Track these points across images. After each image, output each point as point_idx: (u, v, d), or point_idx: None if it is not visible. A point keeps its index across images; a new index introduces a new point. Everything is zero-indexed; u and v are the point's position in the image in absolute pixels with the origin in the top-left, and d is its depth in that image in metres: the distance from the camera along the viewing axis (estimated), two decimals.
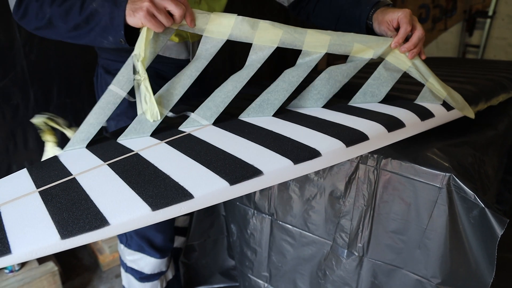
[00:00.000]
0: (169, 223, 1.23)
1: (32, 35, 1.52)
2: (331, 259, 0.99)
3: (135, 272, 1.25)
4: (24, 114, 1.59)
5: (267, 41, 0.79)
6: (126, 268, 1.27)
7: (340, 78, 0.84)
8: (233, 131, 0.74)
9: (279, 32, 0.78)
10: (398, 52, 0.86)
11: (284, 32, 0.79)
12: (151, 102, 0.73)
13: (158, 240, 1.19)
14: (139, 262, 1.23)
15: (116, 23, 0.74)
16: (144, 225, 0.53)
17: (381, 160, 0.84)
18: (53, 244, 0.48)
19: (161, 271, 1.28)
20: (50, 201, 0.55)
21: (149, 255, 1.21)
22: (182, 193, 0.55)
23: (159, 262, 1.24)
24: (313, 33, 0.81)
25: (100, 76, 1.08)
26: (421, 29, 0.85)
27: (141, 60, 0.72)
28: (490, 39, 3.22)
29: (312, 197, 0.99)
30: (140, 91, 0.74)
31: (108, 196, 0.55)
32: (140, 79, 0.73)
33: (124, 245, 1.22)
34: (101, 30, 0.77)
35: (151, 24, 0.71)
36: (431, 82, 0.88)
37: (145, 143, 0.71)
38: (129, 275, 1.27)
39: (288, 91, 0.81)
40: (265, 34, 0.78)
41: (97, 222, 0.50)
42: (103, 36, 0.78)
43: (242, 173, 0.59)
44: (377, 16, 0.93)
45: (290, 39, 0.79)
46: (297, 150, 0.65)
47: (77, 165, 0.65)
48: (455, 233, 0.77)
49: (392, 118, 0.78)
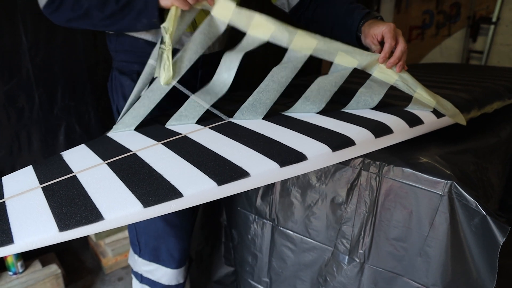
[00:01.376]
0: (189, 229, 1.21)
1: (38, 38, 1.54)
2: (332, 265, 0.99)
3: (152, 283, 1.23)
4: (28, 116, 1.60)
5: (259, 33, 0.86)
6: (142, 279, 1.25)
7: (329, 87, 0.87)
8: (227, 134, 0.77)
9: (271, 27, 0.85)
10: (384, 67, 0.89)
11: (276, 28, 0.85)
12: (168, 70, 0.84)
13: (176, 248, 1.17)
14: (155, 273, 1.21)
15: (151, 6, 0.84)
16: (136, 220, 0.57)
17: (383, 167, 0.84)
18: (52, 236, 0.52)
19: (178, 282, 1.24)
20: (51, 196, 0.59)
21: (164, 265, 1.19)
22: (173, 191, 0.59)
23: (176, 273, 1.22)
24: (303, 34, 0.85)
25: (115, 78, 1.10)
26: (403, 43, 0.89)
27: (169, 33, 0.83)
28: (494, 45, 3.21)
29: (313, 203, 0.99)
30: (162, 59, 0.85)
31: (104, 193, 0.59)
32: (164, 49, 0.84)
33: (138, 255, 1.21)
34: (136, 14, 0.87)
35: (179, 3, 0.82)
36: (419, 92, 0.90)
37: (142, 143, 0.76)
38: (146, 285, 1.25)
39: (278, 91, 0.85)
40: (257, 27, 0.86)
41: (92, 216, 0.54)
42: (137, 19, 0.88)
43: (230, 174, 0.62)
44: (364, 28, 0.96)
45: (280, 36, 0.85)
46: (285, 153, 0.68)
47: (79, 164, 0.70)
48: (457, 240, 0.77)
49: (381, 124, 0.80)
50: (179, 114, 0.86)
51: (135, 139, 0.79)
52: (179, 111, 0.87)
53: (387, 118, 0.83)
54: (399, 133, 0.81)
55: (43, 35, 1.55)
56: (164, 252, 1.17)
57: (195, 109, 0.86)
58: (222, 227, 1.37)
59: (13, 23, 1.47)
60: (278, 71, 0.85)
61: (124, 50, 1.06)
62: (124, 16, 0.87)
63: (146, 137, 0.80)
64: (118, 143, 0.78)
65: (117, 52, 1.09)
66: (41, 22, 1.53)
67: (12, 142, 1.59)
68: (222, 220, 1.35)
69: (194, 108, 0.86)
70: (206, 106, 0.86)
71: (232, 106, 0.90)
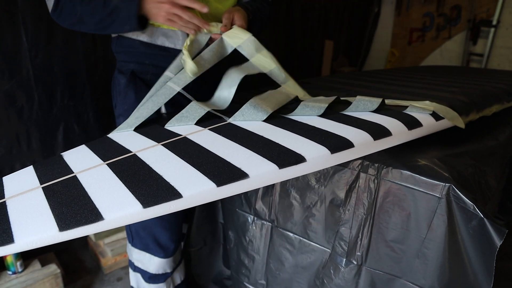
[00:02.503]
0: (175, 222, 1.25)
1: (38, 39, 1.55)
2: (329, 268, 0.99)
3: (142, 271, 1.28)
4: (28, 116, 1.61)
5: (261, 66, 1.03)
6: (134, 268, 1.30)
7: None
8: (226, 135, 0.78)
9: (273, 65, 1.03)
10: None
11: (275, 67, 1.03)
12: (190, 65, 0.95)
13: (163, 238, 1.22)
14: (144, 261, 1.26)
15: (132, 17, 0.96)
16: (136, 220, 0.58)
17: (382, 169, 0.85)
18: (52, 235, 0.53)
19: (165, 272, 1.29)
20: (52, 197, 0.60)
21: (153, 254, 1.24)
22: (172, 192, 0.59)
23: (163, 262, 1.26)
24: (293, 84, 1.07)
25: (115, 77, 1.18)
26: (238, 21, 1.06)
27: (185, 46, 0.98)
28: (494, 48, 3.22)
29: (312, 204, 0.99)
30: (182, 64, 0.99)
31: (104, 193, 0.59)
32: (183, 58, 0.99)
33: (131, 244, 1.26)
34: (120, 22, 0.98)
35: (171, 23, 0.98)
36: (414, 104, 0.92)
37: (142, 144, 0.76)
38: (138, 274, 1.30)
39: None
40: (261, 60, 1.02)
41: (92, 216, 0.54)
42: (122, 26, 0.99)
43: (229, 175, 0.62)
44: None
45: (276, 75, 1.04)
46: (284, 155, 0.68)
47: (79, 164, 0.70)
48: (454, 243, 0.77)
49: (379, 126, 0.80)
50: (180, 115, 0.88)
51: (135, 140, 0.79)
52: (181, 113, 0.88)
53: (386, 120, 0.83)
54: (398, 135, 0.81)
55: (43, 36, 1.56)
56: (152, 242, 1.22)
57: (196, 111, 0.88)
58: (220, 228, 1.37)
59: (14, 24, 1.48)
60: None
61: (123, 51, 1.15)
62: (112, 21, 0.98)
63: (146, 138, 0.80)
64: (118, 144, 0.78)
65: (118, 53, 1.17)
66: (42, 23, 1.54)
67: (12, 141, 1.60)
68: (220, 222, 1.36)
69: (196, 110, 0.88)
70: (207, 109, 0.88)
71: (232, 107, 0.91)
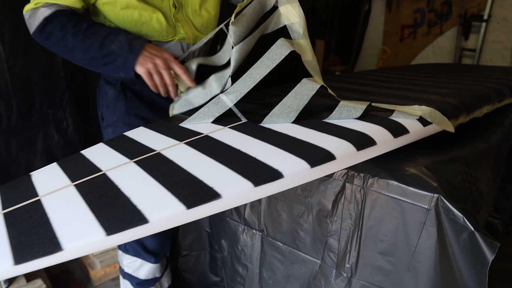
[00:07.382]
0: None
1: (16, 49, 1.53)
2: (319, 279, 0.96)
3: (131, 277, 1.26)
4: (7, 125, 1.60)
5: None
6: (124, 274, 1.28)
7: (306, 92, 0.84)
8: (203, 150, 0.74)
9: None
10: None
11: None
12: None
13: (150, 244, 1.21)
14: (134, 267, 1.24)
15: (129, 66, 0.91)
16: (98, 249, 0.54)
17: (368, 179, 0.81)
18: (6, 270, 0.49)
19: (155, 277, 1.28)
20: (12, 224, 0.56)
21: (144, 259, 1.22)
22: (138, 217, 0.55)
23: (154, 268, 1.25)
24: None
25: (102, 87, 1.15)
26: None
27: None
28: (486, 43, 3.20)
29: (300, 214, 0.96)
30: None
31: (67, 219, 0.56)
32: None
33: (122, 251, 1.24)
34: (115, 67, 0.92)
35: (149, 82, 0.93)
36: (400, 109, 0.88)
37: (114, 162, 0.72)
38: (126, 281, 1.28)
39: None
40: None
41: (51, 247, 0.51)
42: (116, 72, 0.94)
43: (201, 196, 0.59)
44: None
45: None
46: (260, 171, 0.64)
47: (46, 186, 0.66)
48: (445, 256, 0.74)
49: (363, 135, 0.75)
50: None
51: (106, 157, 0.76)
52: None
53: (370, 128, 0.79)
54: (383, 144, 0.77)
55: (21, 46, 1.54)
56: (141, 248, 1.21)
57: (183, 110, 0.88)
58: (206, 236, 1.34)
59: None
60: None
61: None
62: (104, 64, 0.92)
63: (118, 153, 0.76)
64: (89, 161, 0.74)
65: None
66: (19, 33, 1.52)
67: None
68: (206, 230, 1.32)
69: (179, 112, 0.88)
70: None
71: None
